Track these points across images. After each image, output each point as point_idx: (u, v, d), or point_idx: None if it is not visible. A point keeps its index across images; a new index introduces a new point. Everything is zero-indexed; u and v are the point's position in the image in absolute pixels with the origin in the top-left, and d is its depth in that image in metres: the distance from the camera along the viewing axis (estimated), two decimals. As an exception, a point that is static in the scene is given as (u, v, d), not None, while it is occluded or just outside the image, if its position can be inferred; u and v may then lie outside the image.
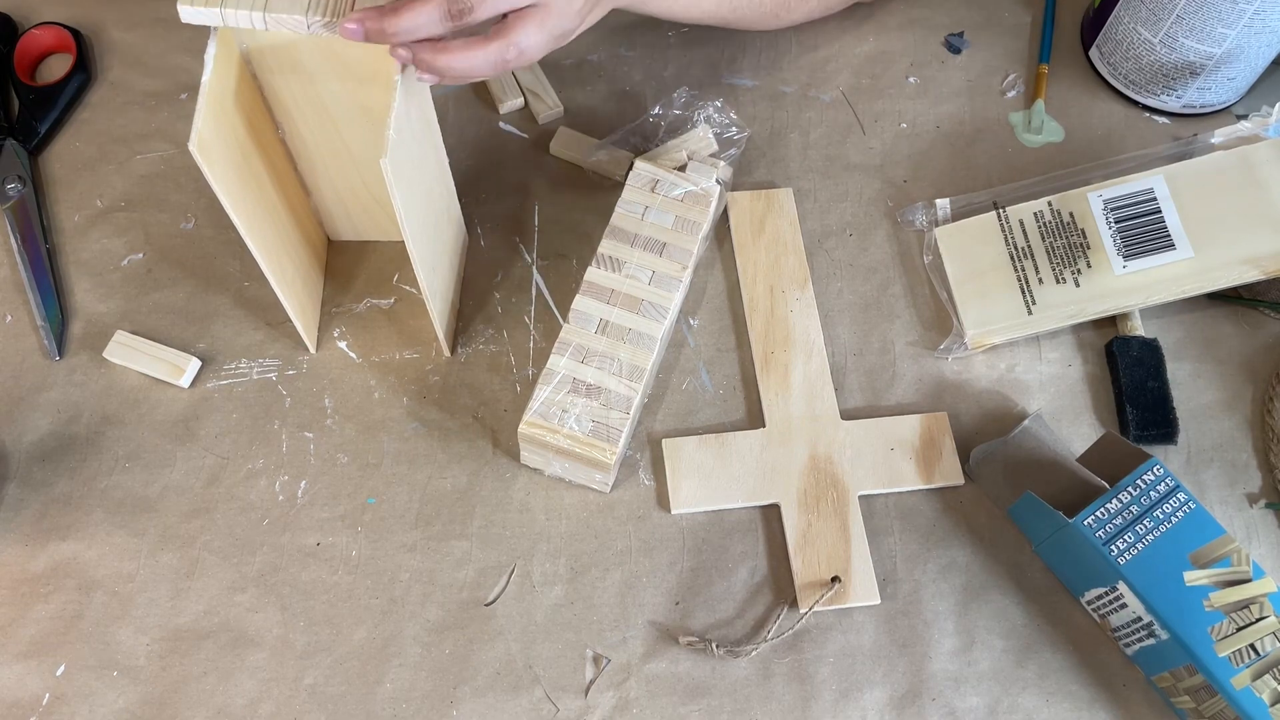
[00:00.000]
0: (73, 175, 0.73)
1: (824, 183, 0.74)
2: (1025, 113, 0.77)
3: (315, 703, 0.57)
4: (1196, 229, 0.66)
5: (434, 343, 0.68)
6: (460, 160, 0.73)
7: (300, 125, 0.60)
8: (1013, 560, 0.62)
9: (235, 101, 0.54)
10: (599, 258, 0.64)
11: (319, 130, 0.61)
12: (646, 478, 0.64)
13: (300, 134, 0.61)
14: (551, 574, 0.61)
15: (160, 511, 0.62)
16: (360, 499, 0.63)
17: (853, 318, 0.69)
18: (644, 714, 0.58)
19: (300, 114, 0.59)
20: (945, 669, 0.59)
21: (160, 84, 0.77)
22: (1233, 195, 0.66)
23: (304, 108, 0.59)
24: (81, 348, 0.67)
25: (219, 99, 0.52)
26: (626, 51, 0.79)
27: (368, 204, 0.67)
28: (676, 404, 0.66)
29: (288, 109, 0.59)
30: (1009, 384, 0.67)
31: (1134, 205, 0.67)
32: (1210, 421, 0.66)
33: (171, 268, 0.70)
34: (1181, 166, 0.67)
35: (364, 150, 0.62)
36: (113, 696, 0.57)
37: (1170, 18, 0.70)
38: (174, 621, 0.59)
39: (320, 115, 0.59)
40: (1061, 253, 0.67)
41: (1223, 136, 0.69)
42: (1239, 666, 0.52)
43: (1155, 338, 0.67)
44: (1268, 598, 0.53)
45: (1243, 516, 0.63)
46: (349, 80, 0.56)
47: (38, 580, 0.60)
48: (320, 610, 0.60)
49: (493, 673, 0.58)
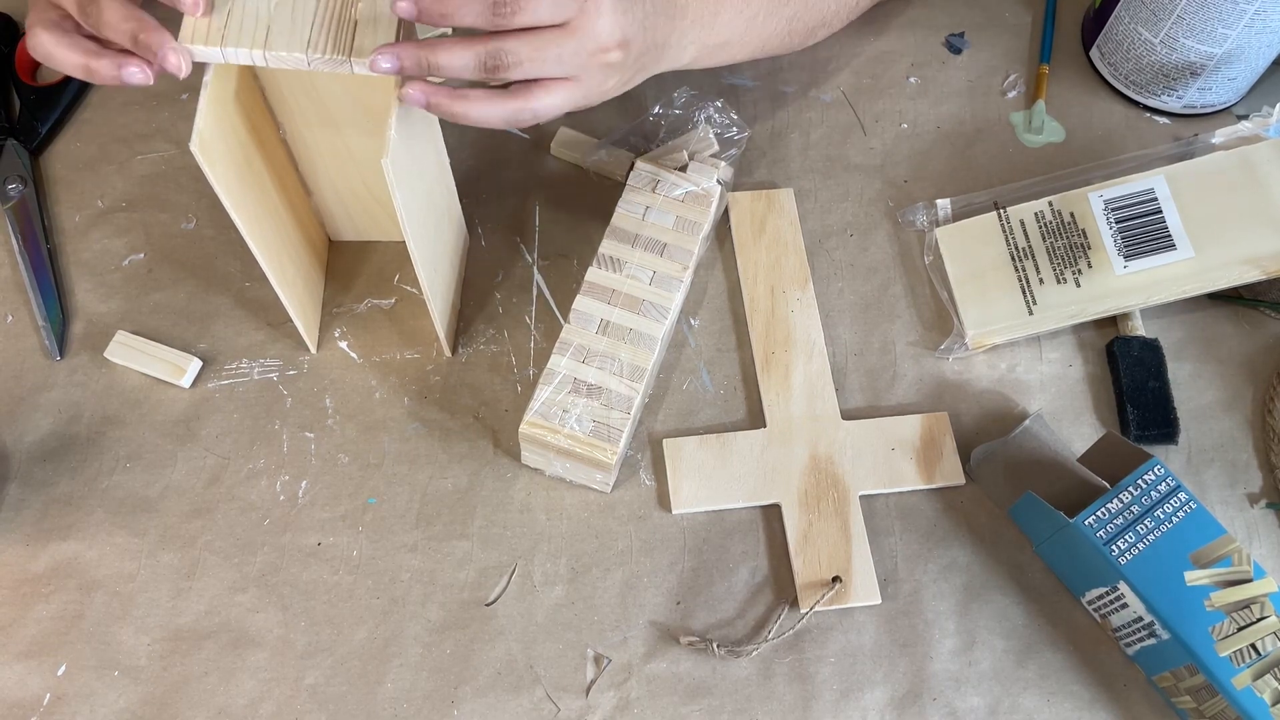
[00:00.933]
0: (73, 175, 0.73)
1: (824, 183, 0.74)
2: (1026, 113, 0.77)
3: (316, 703, 0.57)
4: (1197, 229, 0.66)
5: (435, 343, 0.68)
6: (461, 160, 0.73)
7: (301, 125, 0.60)
8: (1013, 560, 0.62)
9: (236, 101, 0.54)
10: (600, 258, 0.64)
11: (320, 130, 0.60)
12: (647, 478, 0.64)
13: (301, 134, 0.61)
14: (552, 574, 0.61)
15: (161, 511, 0.62)
16: (361, 499, 0.63)
17: (853, 318, 0.69)
18: (645, 714, 0.58)
19: (301, 114, 0.59)
20: (946, 669, 0.59)
21: (161, 84, 0.77)
22: (1233, 195, 0.66)
23: (305, 108, 0.59)
24: (82, 348, 0.67)
25: (220, 99, 0.52)
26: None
27: (369, 204, 0.67)
28: (677, 404, 0.66)
29: (289, 109, 0.59)
30: (1010, 384, 0.67)
31: (1135, 205, 0.67)
32: (1211, 421, 0.66)
33: (172, 268, 0.70)
34: (1182, 167, 0.67)
35: (365, 150, 0.62)
36: (114, 696, 0.57)
37: (1171, 18, 0.70)
38: (175, 621, 0.59)
39: (321, 115, 0.59)
40: (1062, 253, 0.67)
41: (1223, 137, 0.69)
42: (1240, 666, 0.52)
43: (1156, 338, 0.67)
44: (1268, 597, 0.53)
45: (1243, 516, 0.63)
46: (350, 80, 0.56)
47: (38, 580, 0.60)
48: (321, 610, 0.60)
49: (494, 673, 0.58)
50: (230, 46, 0.48)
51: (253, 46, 0.48)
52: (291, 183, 0.64)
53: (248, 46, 0.48)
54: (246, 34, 0.48)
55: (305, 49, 0.48)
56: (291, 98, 0.58)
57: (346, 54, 0.48)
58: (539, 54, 0.50)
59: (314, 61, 0.48)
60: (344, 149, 0.62)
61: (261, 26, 0.49)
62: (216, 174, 0.51)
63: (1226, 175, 0.66)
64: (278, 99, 0.58)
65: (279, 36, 0.48)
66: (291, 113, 0.59)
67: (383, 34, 0.49)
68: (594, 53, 0.51)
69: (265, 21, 0.49)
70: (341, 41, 0.49)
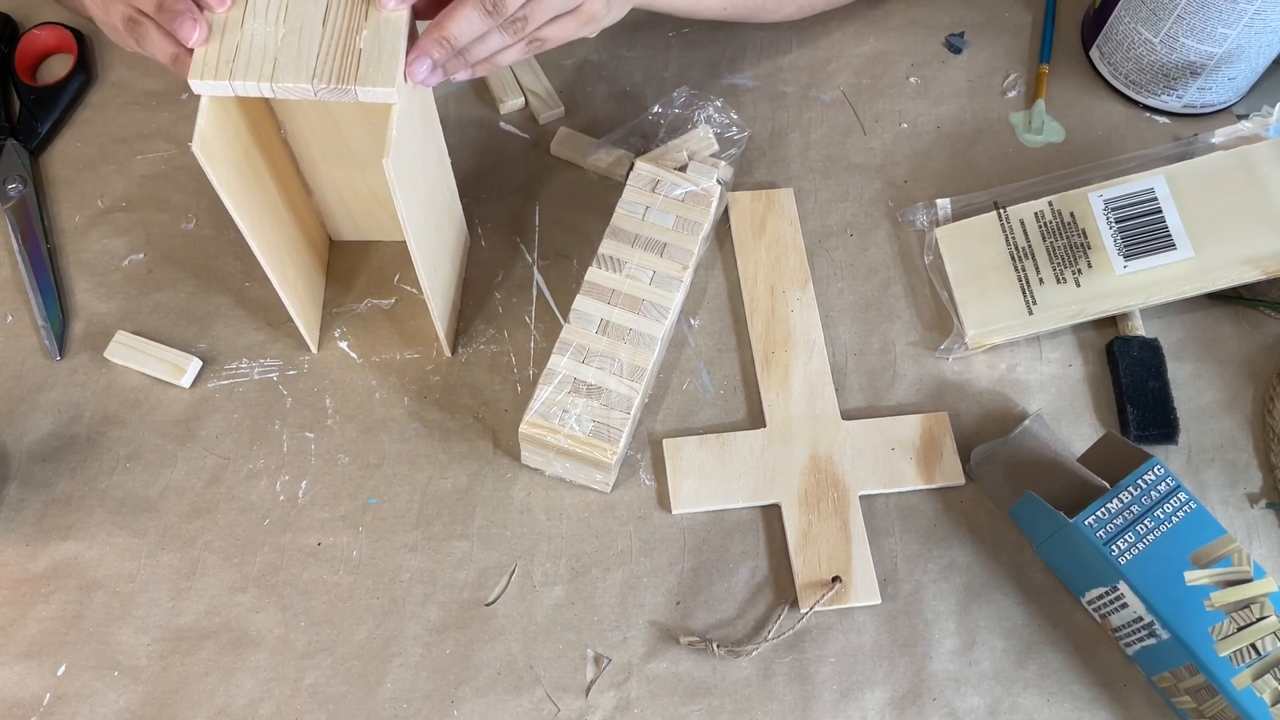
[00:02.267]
0: (73, 175, 0.73)
1: (824, 183, 0.74)
2: (1026, 113, 0.77)
3: (316, 703, 0.57)
4: (1197, 229, 0.66)
5: (435, 343, 0.68)
6: (461, 160, 0.73)
7: (302, 125, 0.60)
8: (1013, 560, 0.62)
9: (237, 102, 0.54)
10: (599, 258, 0.64)
11: (321, 130, 0.61)
12: (647, 478, 0.64)
13: (302, 134, 0.61)
14: (552, 574, 0.61)
15: (161, 511, 0.62)
16: (361, 499, 0.63)
17: (853, 318, 0.69)
18: (645, 714, 0.58)
19: (302, 114, 0.59)
20: (946, 669, 0.59)
21: (161, 84, 0.77)
22: (1233, 196, 0.66)
23: (306, 107, 0.59)
24: (82, 348, 0.67)
25: (221, 99, 0.52)
26: (627, 52, 0.79)
27: (369, 204, 0.67)
28: (677, 404, 0.66)
29: (290, 109, 0.59)
30: (1009, 384, 0.67)
31: (1135, 205, 0.67)
32: (1211, 421, 0.66)
33: (172, 268, 0.70)
34: (1182, 167, 0.67)
35: (366, 150, 0.62)
36: (113, 696, 0.57)
37: (1171, 17, 0.70)
38: (175, 621, 0.59)
39: (322, 115, 0.59)
40: (1062, 253, 0.67)
41: (1223, 136, 0.69)
42: (1239, 666, 0.52)
43: (1156, 338, 0.67)
44: (1268, 597, 0.53)
45: (1243, 516, 0.63)
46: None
47: (38, 580, 0.60)
48: (321, 610, 0.60)
49: (494, 673, 0.58)
50: (239, 80, 0.49)
51: (260, 79, 0.49)
52: (292, 182, 0.64)
53: (255, 79, 0.49)
54: (254, 67, 0.49)
55: (311, 79, 0.49)
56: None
57: (351, 83, 0.49)
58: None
59: (320, 92, 0.49)
60: (345, 149, 0.62)
61: (269, 59, 0.49)
62: (218, 174, 0.51)
63: (1226, 175, 0.66)
64: (279, 99, 0.58)
65: (285, 69, 0.49)
66: (292, 112, 0.59)
67: (386, 62, 0.49)
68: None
69: (272, 55, 0.49)
70: (347, 71, 0.49)
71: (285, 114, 0.60)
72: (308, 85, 0.49)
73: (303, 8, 0.50)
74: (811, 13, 0.78)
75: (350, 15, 0.50)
